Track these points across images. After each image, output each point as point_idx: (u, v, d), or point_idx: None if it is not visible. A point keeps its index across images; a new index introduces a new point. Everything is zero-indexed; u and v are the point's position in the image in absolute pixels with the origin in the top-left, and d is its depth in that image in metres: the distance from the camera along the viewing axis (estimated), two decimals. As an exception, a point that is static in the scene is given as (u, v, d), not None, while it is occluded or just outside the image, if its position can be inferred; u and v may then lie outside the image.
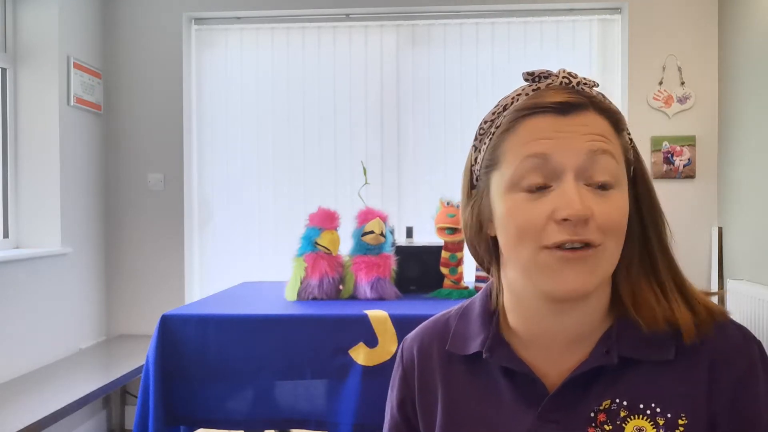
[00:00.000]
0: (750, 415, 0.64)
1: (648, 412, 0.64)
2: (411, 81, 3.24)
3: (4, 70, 2.79)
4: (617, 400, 0.65)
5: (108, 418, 3.12)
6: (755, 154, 2.66)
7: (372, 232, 2.04)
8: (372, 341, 1.70)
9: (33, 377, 2.53)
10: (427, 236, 2.43)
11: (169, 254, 3.22)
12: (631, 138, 0.69)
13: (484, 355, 0.70)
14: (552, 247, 0.62)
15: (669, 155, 3.03)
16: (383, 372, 1.67)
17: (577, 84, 0.66)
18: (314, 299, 2.00)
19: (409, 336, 0.81)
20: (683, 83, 3.03)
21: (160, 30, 3.21)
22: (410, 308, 1.84)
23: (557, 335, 0.68)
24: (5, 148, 2.79)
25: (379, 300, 1.99)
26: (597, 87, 0.68)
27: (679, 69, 3.03)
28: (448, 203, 2.08)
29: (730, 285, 2.73)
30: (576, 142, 0.62)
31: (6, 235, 2.78)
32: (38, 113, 2.83)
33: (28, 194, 2.84)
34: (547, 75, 0.67)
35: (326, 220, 2.06)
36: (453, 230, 2.05)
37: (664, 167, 3.03)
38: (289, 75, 3.28)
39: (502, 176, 0.65)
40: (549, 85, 0.66)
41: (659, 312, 0.66)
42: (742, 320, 2.54)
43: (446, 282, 2.12)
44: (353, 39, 3.26)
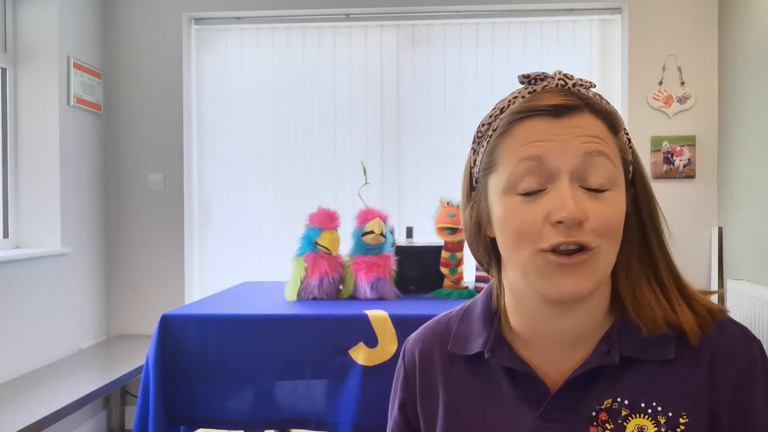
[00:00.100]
0: (750, 414, 0.64)
1: (649, 411, 0.65)
2: (411, 81, 3.24)
3: (4, 70, 2.79)
4: (618, 399, 0.66)
5: (108, 418, 3.12)
6: (755, 154, 2.66)
7: (372, 232, 2.04)
8: (372, 341, 1.70)
9: (33, 377, 2.53)
10: (427, 236, 2.43)
11: (169, 254, 3.22)
12: (629, 138, 0.69)
13: (486, 355, 0.71)
14: (548, 251, 0.62)
15: (669, 155, 3.03)
16: (383, 372, 1.67)
17: (573, 86, 0.66)
18: (314, 299, 2.00)
19: (411, 337, 0.82)
20: (683, 83, 3.03)
21: (160, 30, 3.22)
22: (410, 308, 1.83)
23: (558, 335, 0.68)
24: (5, 148, 2.79)
25: (379, 300, 1.99)
26: (594, 88, 0.69)
27: (679, 69, 3.03)
28: (448, 203, 2.08)
29: (730, 285, 2.73)
30: (571, 145, 0.62)
31: (6, 235, 2.78)
32: (38, 113, 2.83)
33: (28, 194, 2.84)
34: (543, 77, 0.68)
35: (326, 220, 2.06)
36: (453, 230, 2.05)
37: (664, 167, 3.03)
38: (289, 75, 3.28)
39: (499, 179, 0.66)
40: (545, 88, 0.67)
41: (659, 314, 0.66)
42: (742, 320, 2.54)
43: (446, 282, 2.11)
44: (353, 39, 3.26)
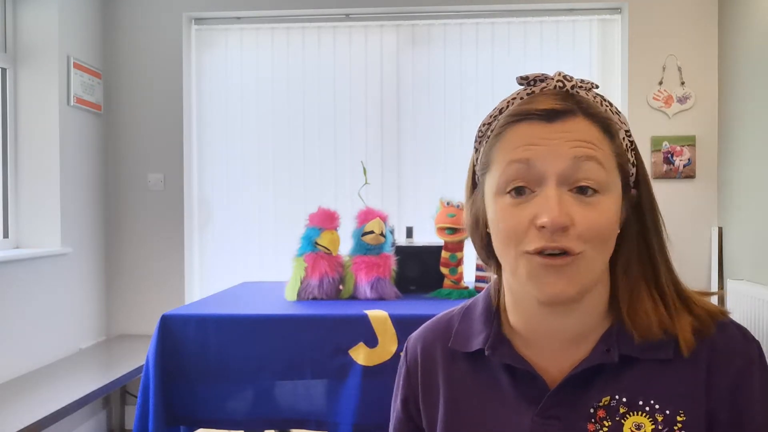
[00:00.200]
0: (747, 414, 0.65)
1: (647, 409, 0.65)
2: (411, 81, 3.24)
3: (4, 70, 2.79)
4: (617, 397, 0.66)
5: (108, 418, 3.12)
6: (755, 154, 2.66)
7: (372, 232, 2.04)
8: (372, 341, 1.70)
9: (33, 377, 2.53)
10: (427, 236, 2.43)
11: (169, 254, 3.22)
12: (632, 141, 0.69)
13: (486, 353, 0.72)
14: (533, 253, 0.63)
15: (669, 155, 3.03)
16: (383, 372, 1.67)
17: (572, 88, 0.66)
18: (314, 299, 2.00)
19: (413, 335, 0.83)
20: (683, 83, 3.03)
21: (160, 30, 3.21)
22: (410, 308, 1.83)
23: (556, 334, 0.69)
24: (5, 148, 2.79)
25: (379, 300, 1.99)
26: (596, 89, 0.68)
27: (679, 69, 3.03)
28: (448, 203, 2.08)
29: (730, 285, 2.73)
30: (560, 149, 0.63)
31: (6, 235, 2.78)
32: (38, 113, 2.83)
33: (28, 194, 2.84)
34: (543, 78, 0.68)
35: (326, 220, 2.06)
36: (453, 230, 2.05)
37: (664, 167, 3.03)
38: (289, 75, 3.28)
39: (493, 180, 0.67)
40: (543, 89, 0.67)
41: (655, 321, 0.66)
42: (742, 320, 2.54)
43: (446, 282, 2.12)
44: (353, 39, 3.26)
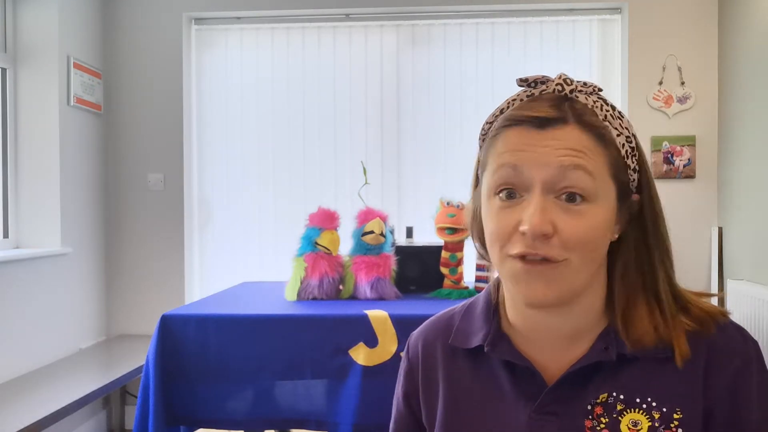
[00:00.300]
0: (744, 413, 0.66)
1: (644, 406, 0.66)
2: (411, 81, 3.24)
3: (4, 70, 2.79)
4: (614, 394, 0.67)
5: (108, 418, 3.12)
6: (755, 154, 2.66)
7: (372, 232, 2.04)
8: (372, 341, 1.70)
9: (33, 377, 2.53)
10: (427, 236, 2.43)
11: (169, 254, 3.22)
12: (633, 147, 0.67)
13: (486, 349, 0.72)
14: (515, 257, 0.63)
15: (669, 155, 3.03)
16: (383, 372, 1.67)
17: (571, 92, 0.66)
18: (314, 299, 2.00)
19: (416, 331, 0.84)
20: (683, 83, 3.03)
21: (160, 30, 3.21)
22: (410, 308, 1.84)
23: (551, 332, 0.70)
24: (5, 148, 2.79)
25: (379, 300, 1.99)
26: (599, 92, 0.67)
27: (679, 69, 3.03)
28: (448, 203, 2.08)
29: (730, 285, 2.73)
30: (547, 157, 0.63)
31: (6, 235, 2.78)
32: (38, 113, 2.83)
33: (28, 194, 2.84)
34: (544, 81, 0.67)
35: (326, 220, 2.06)
36: (453, 230, 2.05)
37: (664, 167, 3.03)
38: (289, 75, 3.28)
39: (486, 181, 0.68)
40: (542, 92, 0.67)
41: (650, 329, 0.66)
42: (742, 320, 2.54)
43: (446, 282, 2.12)
44: (353, 39, 3.26)
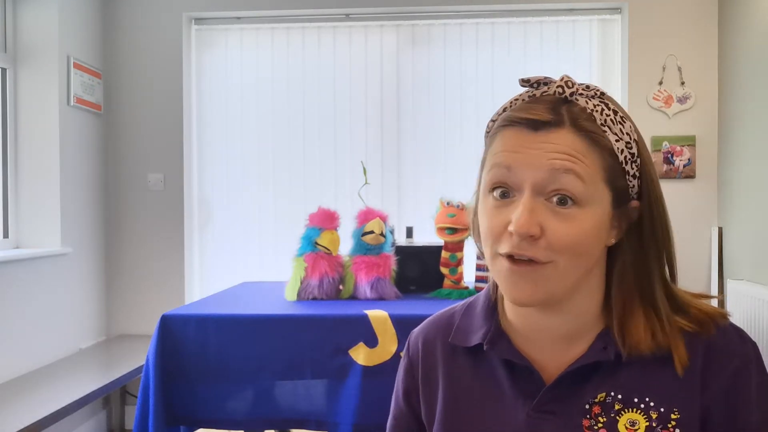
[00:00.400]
0: (742, 414, 0.66)
1: (642, 406, 0.66)
2: (411, 81, 3.24)
3: (4, 70, 2.79)
4: (612, 394, 0.67)
5: (108, 418, 3.12)
6: (755, 154, 2.66)
7: (372, 232, 2.04)
8: (372, 341, 1.70)
9: (33, 377, 2.53)
10: (427, 236, 2.43)
11: (169, 254, 3.22)
12: (633, 153, 0.66)
13: (485, 347, 0.73)
14: (503, 256, 0.64)
15: (669, 155, 3.03)
16: (383, 372, 1.67)
17: (571, 95, 0.66)
18: (314, 299, 2.00)
19: (416, 329, 0.84)
20: (683, 83, 3.03)
21: (160, 30, 3.21)
22: (410, 308, 1.84)
23: (547, 332, 0.70)
24: (5, 148, 2.79)
25: (379, 300, 1.99)
26: (603, 96, 0.67)
27: (679, 69, 3.03)
28: (448, 203, 2.08)
29: (730, 285, 2.73)
30: (538, 160, 0.63)
31: (6, 235, 2.78)
32: (38, 113, 2.83)
33: (28, 194, 2.84)
34: (546, 82, 0.68)
35: (326, 220, 2.06)
36: (453, 230, 2.05)
37: (664, 167, 3.03)
38: (289, 75, 3.28)
39: (483, 178, 0.68)
40: (544, 93, 0.67)
41: (647, 335, 0.66)
42: (742, 320, 2.54)
43: (446, 282, 2.12)
44: (353, 39, 3.26)
